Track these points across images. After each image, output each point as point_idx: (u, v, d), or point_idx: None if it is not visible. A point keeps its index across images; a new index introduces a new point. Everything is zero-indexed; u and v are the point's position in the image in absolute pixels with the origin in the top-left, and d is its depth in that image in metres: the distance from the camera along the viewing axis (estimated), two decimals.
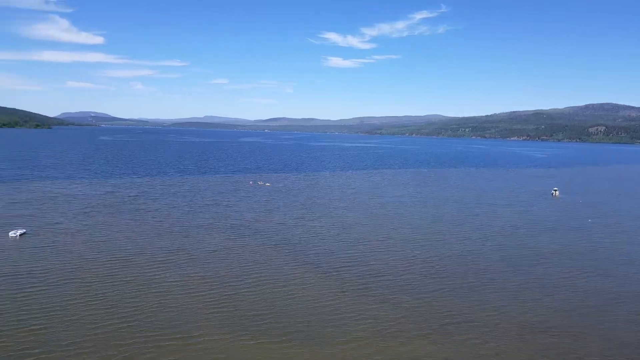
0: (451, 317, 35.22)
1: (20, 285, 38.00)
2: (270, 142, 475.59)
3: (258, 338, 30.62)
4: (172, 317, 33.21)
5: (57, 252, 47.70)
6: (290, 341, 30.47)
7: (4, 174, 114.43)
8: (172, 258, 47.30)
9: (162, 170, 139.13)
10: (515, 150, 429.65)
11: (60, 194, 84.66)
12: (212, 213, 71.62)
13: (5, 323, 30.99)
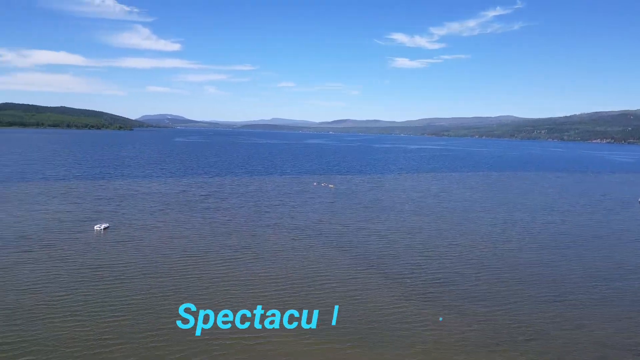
0: (522, 330, 33.32)
1: (103, 277, 41.21)
2: (335, 144, 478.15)
3: (321, 340, 30.86)
4: (244, 318, 34.34)
5: (135, 247, 51.17)
6: (352, 345, 30.39)
7: (91, 172, 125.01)
8: (240, 256, 49.00)
9: (231, 170, 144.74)
10: (597, 154, 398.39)
11: (139, 192, 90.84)
12: (278, 213, 73.32)
13: (89, 312, 33.73)
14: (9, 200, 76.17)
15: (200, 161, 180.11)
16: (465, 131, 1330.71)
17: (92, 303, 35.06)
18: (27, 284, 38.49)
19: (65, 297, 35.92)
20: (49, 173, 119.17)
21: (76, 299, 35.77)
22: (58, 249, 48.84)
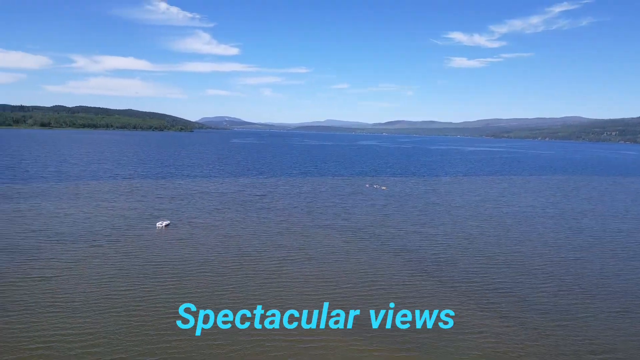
0: (586, 345, 31.18)
1: (163, 273, 43.13)
2: (388, 145, 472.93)
3: (373, 344, 30.48)
4: (293, 318, 34.69)
5: (193, 244, 53.16)
6: (406, 350, 29.78)
7: (154, 171, 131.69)
8: (293, 256, 49.55)
9: (285, 171, 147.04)
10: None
11: (198, 191, 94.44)
12: (330, 215, 73.49)
13: (150, 307, 35.38)
14: (81, 197, 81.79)
15: (255, 162, 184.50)
16: (526, 133, 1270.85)
17: (153, 297, 36.76)
18: (95, 277, 41.05)
19: (129, 291, 37.93)
20: (116, 172, 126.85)
21: (139, 293, 37.66)
22: (123, 245, 51.73)
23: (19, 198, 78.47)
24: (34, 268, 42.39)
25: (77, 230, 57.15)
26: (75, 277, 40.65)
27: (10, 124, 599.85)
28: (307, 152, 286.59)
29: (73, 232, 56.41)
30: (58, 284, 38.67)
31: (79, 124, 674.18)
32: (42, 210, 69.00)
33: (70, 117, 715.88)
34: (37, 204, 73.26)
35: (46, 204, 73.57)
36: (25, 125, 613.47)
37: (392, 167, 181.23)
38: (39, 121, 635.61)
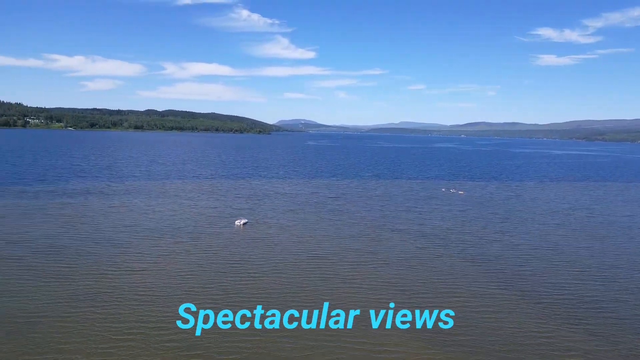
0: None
1: (240, 270, 44.57)
2: (466, 148, 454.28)
3: (449, 356, 29.03)
4: (361, 318, 34.15)
5: (269, 244, 54.45)
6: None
7: (234, 172, 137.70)
8: (365, 260, 48.94)
9: (358, 174, 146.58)
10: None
11: (273, 192, 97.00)
12: (404, 219, 71.80)
13: (228, 303, 36.63)
14: (167, 195, 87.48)
15: (329, 164, 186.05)
16: (624, 135, 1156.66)
17: (231, 294, 38.06)
18: (177, 272, 43.43)
19: (209, 287, 39.62)
20: (199, 172, 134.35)
21: (216, 291, 39.20)
22: (204, 242, 54.34)
23: (114, 195, 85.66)
24: (124, 261, 45.82)
25: (163, 227, 61.03)
26: (159, 271, 43.30)
27: (109, 126, 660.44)
28: (381, 154, 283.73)
29: (159, 228, 60.31)
30: (144, 277, 41.40)
31: (167, 127, 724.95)
32: (133, 206, 74.69)
33: (160, 120, 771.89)
34: (129, 201, 79.46)
35: (137, 201, 79.55)
36: (122, 127, 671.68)
37: (471, 170, 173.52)
38: (133, 124, 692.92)
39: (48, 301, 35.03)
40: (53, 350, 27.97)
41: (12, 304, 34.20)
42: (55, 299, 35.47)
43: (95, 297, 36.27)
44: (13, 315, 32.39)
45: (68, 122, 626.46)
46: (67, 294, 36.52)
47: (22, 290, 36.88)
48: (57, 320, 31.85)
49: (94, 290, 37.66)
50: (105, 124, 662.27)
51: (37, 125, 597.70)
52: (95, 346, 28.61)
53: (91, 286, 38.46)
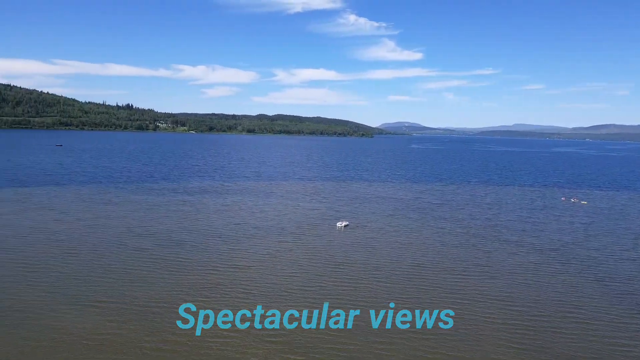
0: None
1: (341, 273, 44.58)
2: (591, 153, 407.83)
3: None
4: (460, 333, 31.91)
5: (369, 247, 53.82)
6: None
7: (336, 174, 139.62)
8: (471, 271, 45.92)
9: (465, 179, 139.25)
10: None
11: (375, 195, 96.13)
12: (517, 230, 66.26)
13: (328, 305, 36.74)
14: (273, 196, 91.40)
15: (434, 168, 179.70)
16: None
17: (330, 297, 38.19)
18: (280, 271, 44.83)
19: (308, 288, 40.21)
20: (303, 174, 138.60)
21: (318, 291, 39.61)
22: (306, 242, 55.52)
23: (227, 194, 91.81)
24: (233, 257, 48.57)
25: (268, 226, 63.72)
26: (264, 269, 45.07)
27: (225, 130, 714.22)
28: (491, 158, 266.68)
29: (265, 227, 63.07)
30: (250, 274, 43.39)
31: (276, 130, 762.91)
32: (243, 205, 79.25)
33: (270, 124, 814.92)
34: (240, 200, 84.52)
35: (246, 200, 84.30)
36: (236, 131, 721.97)
37: (597, 178, 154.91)
38: (246, 128, 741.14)
39: (170, 289, 38.35)
40: (174, 333, 30.40)
41: (142, 292, 38.03)
42: (177, 288, 38.74)
43: (212, 289, 38.83)
44: (145, 300, 35.98)
45: (190, 126, 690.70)
46: (187, 284, 39.65)
47: (150, 278, 40.89)
48: (177, 308, 34.63)
49: (208, 282, 40.40)
50: (222, 128, 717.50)
51: (165, 129, 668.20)
52: (210, 340, 30.49)
53: (206, 278, 41.34)
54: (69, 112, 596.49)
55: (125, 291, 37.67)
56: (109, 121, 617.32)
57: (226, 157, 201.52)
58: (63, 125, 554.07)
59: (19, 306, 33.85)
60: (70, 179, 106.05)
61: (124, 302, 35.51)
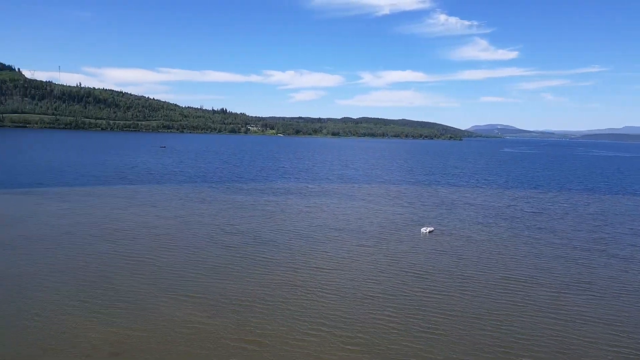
0: None
1: (425, 283, 42.87)
2: None
3: None
4: (559, 356, 28.83)
5: (455, 256, 51.21)
6: None
7: (420, 178, 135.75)
8: (569, 289, 41.63)
9: (565, 186, 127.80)
10: None
11: (463, 201, 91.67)
12: (628, 244, 59.10)
13: (410, 314, 35.42)
14: (355, 199, 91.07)
15: (529, 174, 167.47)
16: None
17: (411, 306, 36.84)
18: (361, 275, 44.22)
19: (389, 294, 39.15)
20: (386, 177, 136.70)
21: (400, 300, 38.41)
22: (388, 247, 54.34)
23: (310, 196, 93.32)
24: (314, 258, 48.95)
25: (350, 228, 63.47)
26: (344, 272, 44.80)
27: (310, 133, 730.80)
28: (597, 165, 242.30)
29: (347, 229, 62.89)
30: (330, 276, 43.36)
31: (360, 133, 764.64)
32: (325, 207, 79.92)
33: (355, 127, 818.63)
34: (323, 202, 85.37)
35: (329, 202, 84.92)
36: (321, 134, 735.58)
37: None
38: (331, 131, 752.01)
39: (254, 286, 39.60)
40: (256, 328, 31.29)
41: (230, 286, 39.75)
42: (260, 285, 39.94)
43: (293, 289, 39.47)
44: (232, 295, 37.59)
45: (279, 130, 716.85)
46: (270, 282, 40.72)
47: (237, 274, 42.64)
48: (261, 304, 35.66)
49: (288, 281, 41.11)
50: (308, 131, 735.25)
51: (255, 132, 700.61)
52: (289, 335, 30.91)
53: (287, 278, 42.11)
54: (171, 116, 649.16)
55: (215, 285, 39.59)
56: (205, 124, 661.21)
57: (310, 160, 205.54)
58: (165, 128, 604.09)
59: (121, 294, 36.96)
60: (169, 178, 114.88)
61: (212, 295, 37.29)
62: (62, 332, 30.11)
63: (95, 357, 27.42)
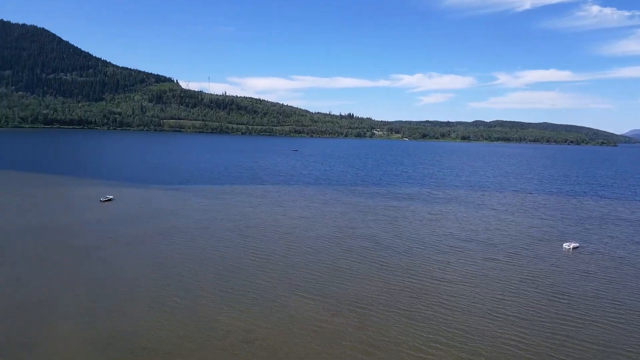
0: None
1: (571, 309, 37.99)
2: None
3: None
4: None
5: (605, 280, 44.49)
6: None
7: (562, 188, 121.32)
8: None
9: None
10: None
11: (614, 216, 79.48)
12: None
13: (549, 348, 31.66)
14: (485, 208, 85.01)
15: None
16: None
17: (550, 333, 32.89)
18: (490, 292, 40.92)
19: (524, 317, 35.48)
20: (522, 186, 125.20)
21: (532, 323, 34.62)
22: (523, 263, 49.45)
23: (434, 202, 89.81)
24: (438, 269, 46.79)
25: (477, 240, 59.37)
26: (472, 286, 41.93)
27: (438, 137, 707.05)
28: None
29: (473, 240, 58.95)
30: (455, 289, 40.93)
31: (493, 138, 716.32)
32: (450, 215, 76.11)
33: (487, 131, 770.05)
34: (447, 209, 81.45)
35: (455, 210, 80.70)
36: (449, 138, 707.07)
37: None
38: (460, 135, 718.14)
39: (375, 290, 39.44)
40: (375, 332, 30.97)
41: (350, 288, 40.14)
42: (383, 290, 39.62)
43: (411, 298, 38.30)
44: (352, 296, 37.94)
45: (404, 134, 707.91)
46: (391, 288, 40.16)
47: (358, 276, 42.88)
48: (380, 309, 35.26)
49: (411, 289, 39.92)
50: (435, 135, 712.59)
51: (380, 136, 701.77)
52: (408, 344, 29.98)
53: (409, 285, 40.96)
54: (302, 121, 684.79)
55: (336, 286, 40.30)
56: (333, 129, 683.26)
57: (437, 165, 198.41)
58: (296, 133, 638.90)
59: (251, 287, 39.65)
60: (297, 180, 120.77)
61: (334, 296, 37.99)
62: (199, 316, 33.33)
63: (230, 341, 29.77)
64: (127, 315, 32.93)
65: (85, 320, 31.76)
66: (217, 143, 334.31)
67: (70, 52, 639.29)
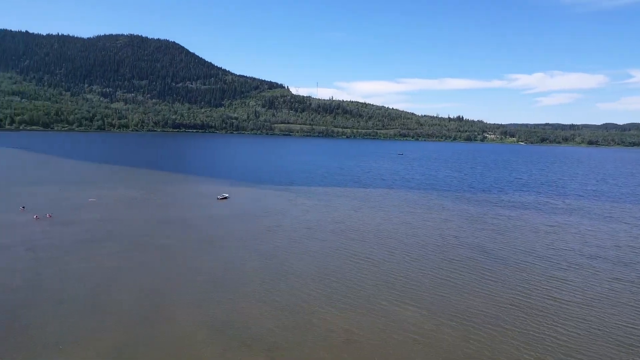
0: None
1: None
2: None
3: None
4: None
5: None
6: None
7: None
8: None
9: None
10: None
11: None
12: None
13: None
14: (615, 221, 75.40)
15: None
16: None
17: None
18: (629, 318, 36.34)
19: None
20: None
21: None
22: None
23: (552, 213, 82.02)
24: (550, 286, 42.82)
25: (604, 257, 52.94)
26: (591, 309, 37.66)
27: (560, 141, 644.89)
28: None
29: (600, 257, 52.69)
30: (570, 309, 37.11)
31: (627, 142, 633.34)
32: (571, 228, 68.93)
33: (620, 134, 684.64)
34: (568, 221, 73.85)
35: (576, 222, 72.93)
36: (573, 142, 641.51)
37: None
38: (587, 139, 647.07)
39: (481, 303, 37.43)
40: (482, 352, 29.43)
41: (457, 299, 38.61)
42: (487, 303, 37.54)
43: (521, 315, 35.59)
44: (457, 307, 36.50)
45: (520, 137, 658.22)
46: (499, 302, 37.84)
47: (464, 288, 41.07)
48: (487, 324, 33.35)
49: (518, 306, 37.15)
50: (556, 139, 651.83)
51: (492, 140, 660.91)
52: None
53: (517, 301, 38.16)
54: (407, 124, 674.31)
55: (439, 295, 39.09)
56: (440, 132, 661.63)
57: (557, 172, 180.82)
58: (401, 136, 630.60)
59: (352, 289, 40.08)
60: (400, 184, 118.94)
61: (437, 305, 36.87)
62: (302, 312, 34.58)
63: (331, 341, 30.49)
64: (237, 305, 35.37)
65: (201, 309, 34.79)
66: (325, 146, 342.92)
67: (196, 63, 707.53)
